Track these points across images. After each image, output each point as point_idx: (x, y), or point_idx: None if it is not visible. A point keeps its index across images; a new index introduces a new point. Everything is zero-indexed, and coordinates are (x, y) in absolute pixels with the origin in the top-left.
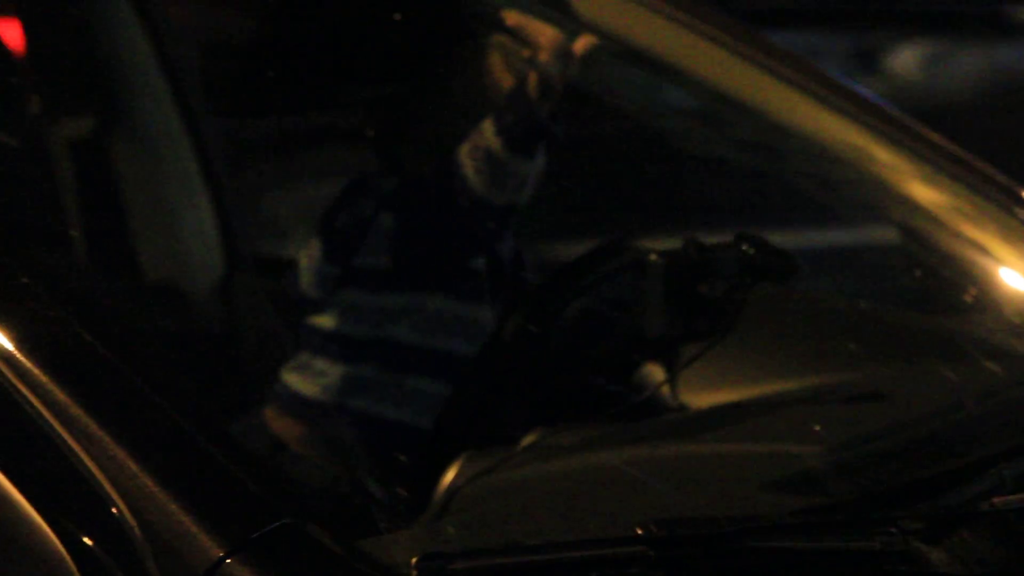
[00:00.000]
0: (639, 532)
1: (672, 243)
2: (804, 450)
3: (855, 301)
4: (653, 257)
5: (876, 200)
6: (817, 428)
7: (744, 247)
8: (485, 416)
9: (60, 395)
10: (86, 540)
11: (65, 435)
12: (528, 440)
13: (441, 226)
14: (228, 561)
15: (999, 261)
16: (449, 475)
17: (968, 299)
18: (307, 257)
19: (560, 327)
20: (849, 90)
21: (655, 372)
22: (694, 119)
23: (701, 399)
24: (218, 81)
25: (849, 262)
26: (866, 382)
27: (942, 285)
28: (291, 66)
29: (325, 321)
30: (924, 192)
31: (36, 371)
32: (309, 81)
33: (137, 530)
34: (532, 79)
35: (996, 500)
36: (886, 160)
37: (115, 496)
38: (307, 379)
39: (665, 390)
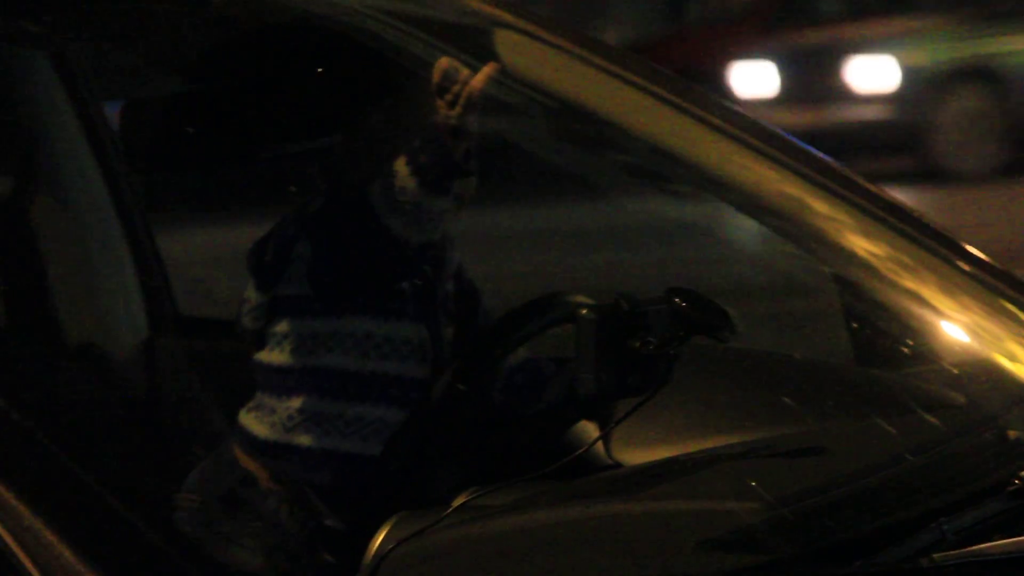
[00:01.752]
0: None
1: (603, 298)
2: (740, 507)
3: (790, 355)
4: (584, 312)
5: (813, 251)
6: (753, 484)
7: (676, 300)
8: (416, 477)
9: None
10: None
11: None
12: (459, 500)
13: (360, 251)
14: None
15: (938, 312)
16: (378, 539)
17: (906, 350)
18: (246, 291)
19: (492, 384)
20: (784, 140)
21: (588, 429)
22: (631, 174)
23: (635, 456)
24: (139, 139)
25: (784, 316)
26: (803, 437)
27: (879, 337)
28: (213, 121)
29: (264, 355)
30: (861, 243)
31: None
32: (231, 136)
33: None
34: (444, 118)
35: (936, 555)
36: (823, 211)
37: (32, 570)
38: (259, 418)
39: (599, 447)
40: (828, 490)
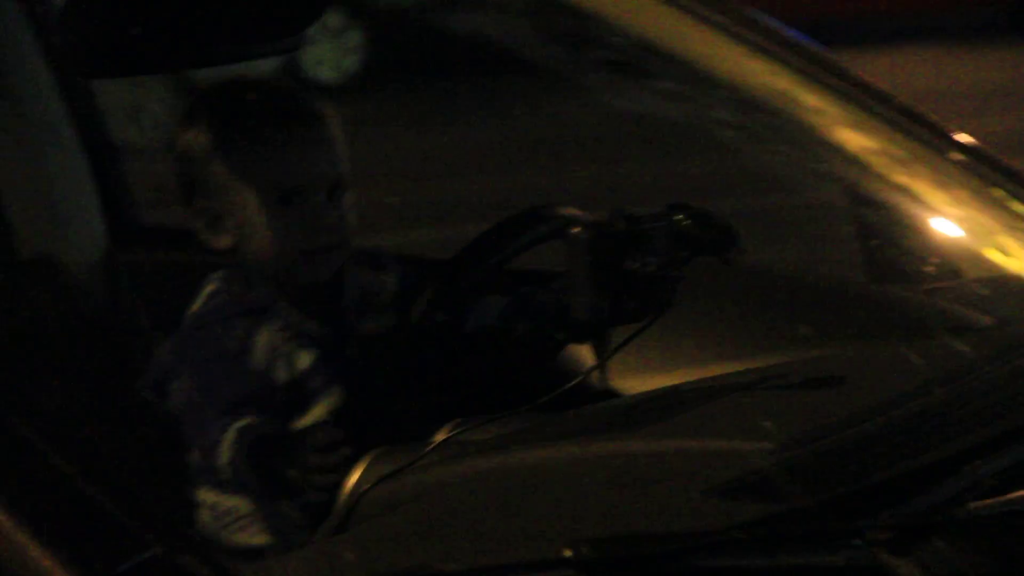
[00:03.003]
0: (567, 554)
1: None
2: (751, 447)
3: (803, 274)
4: (576, 229)
5: (823, 158)
6: (764, 423)
7: (677, 217)
8: (394, 410)
9: None
10: None
11: None
12: (441, 436)
13: None
14: None
15: (965, 228)
16: (354, 477)
17: (928, 268)
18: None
19: (474, 307)
20: (775, 31)
21: (581, 358)
22: (616, 72)
23: (633, 388)
24: (81, 41)
25: (793, 228)
26: (818, 366)
27: (899, 252)
28: (165, 22)
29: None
30: (854, 137)
31: None
32: (186, 37)
33: None
34: None
35: (973, 505)
36: (815, 105)
37: None
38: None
39: (592, 378)
40: (846, 428)
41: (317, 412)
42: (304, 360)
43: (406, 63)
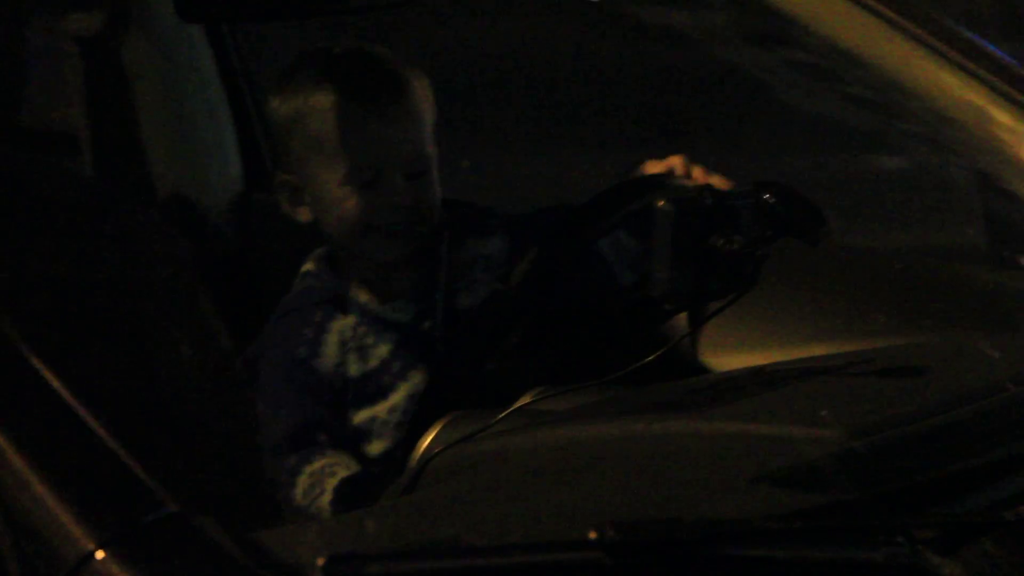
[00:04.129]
0: (592, 535)
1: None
2: (809, 435)
3: (893, 257)
4: (662, 203)
5: (943, 130)
6: (824, 413)
7: (766, 196)
8: (481, 380)
9: None
10: None
11: None
12: (520, 403)
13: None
14: (99, 555)
15: None
16: (426, 439)
17: None
18: None
19: (563, 280)
20: (968, 40)
21: (672, 333)
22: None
23: (718, 365)
24: None
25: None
26: (903, 355)
27: (1010, 235)
28: None
29: None
30: (1005, 122)
31: None
32: None
33: None
34: None
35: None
36: (1005, 123)
37: None
38: None
39: (679, 353)
40: (911, 421)
41: (396, 398)
42: (381, 348)
43: None
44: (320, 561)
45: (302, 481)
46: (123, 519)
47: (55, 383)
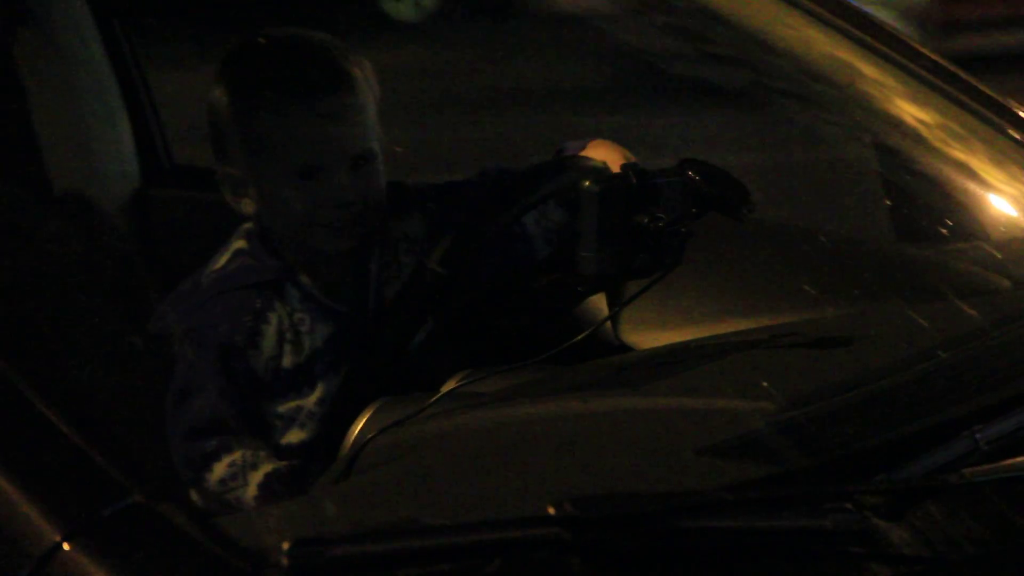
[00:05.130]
0: (551, 511)
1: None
2: (751, 407)
3: (814, 232)
4: (587, 183)
5: (856, 117)
6: (764, 384)
7: (689, 173)
8: (404, 360)
9: None
10: None
11: None
12: (448, 386)
13: None
14: (65, 547)
15: (985, 185)
16: (358, 426)
17: (947, 229)
18: None
19: (485, 260)
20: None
21: (589, 312)
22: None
23: (646, 343)
24: None
25: (818, 185)
26: (826, 326)
27: (919, 212)
28: None
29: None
30: (911, 109)
31: None
32: None
33: None
34: None
35: (968, 471)
36: (873, 76)
37: None
38: None
39: (599, 332)
40: (846, 391)
41: (325, 390)
42: (316, 336)
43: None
44: (285, 545)
45: (219, 468)
46: (87, 510)
47: (9, 377)
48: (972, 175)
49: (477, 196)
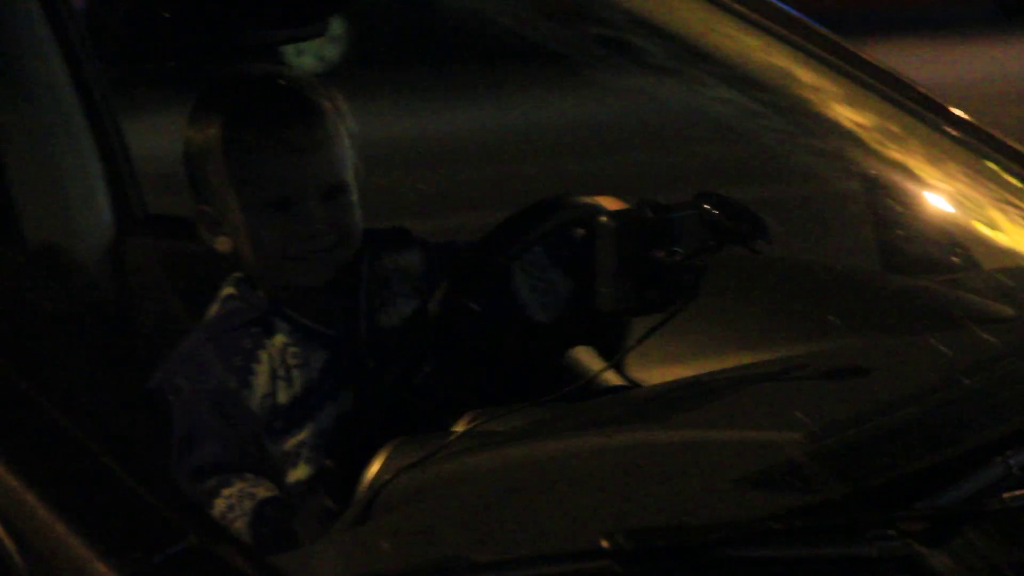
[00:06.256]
0: (604, 544)
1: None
2: (780, 437)
3: (819, 264)
4: (603, 218)
5: (847, 154)
6: (797, 414)
7: (706, 207)
8: (412, 400)
9: None
10: None
11: None
12: (461, 425)
13: None
14: None
15: (988, 221)
16: (374, 467)
17: (946, 258)
18: None
19: (496, 296)
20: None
21: (606, 348)
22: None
23: (650, 375)
24: (109, 25)
25: (808, 217)
26: (841, 357)
27: (915, 242)
28: (192, 5)
29: None
30: (848, 113)
31: None
32: (210, 24)
33: (15, 555)
34: None
35: (1006, 495)
36: (810, 81)
37: None
38: None
39: (617, 368)
40: (876, 418)
41: (324, 421)
42: (311, 367)
43: (400, 49)
44: None
45: (219, 504)
46: (144, 553)
47: (63, 420)
48: (964, 205)
49: (473, 242)
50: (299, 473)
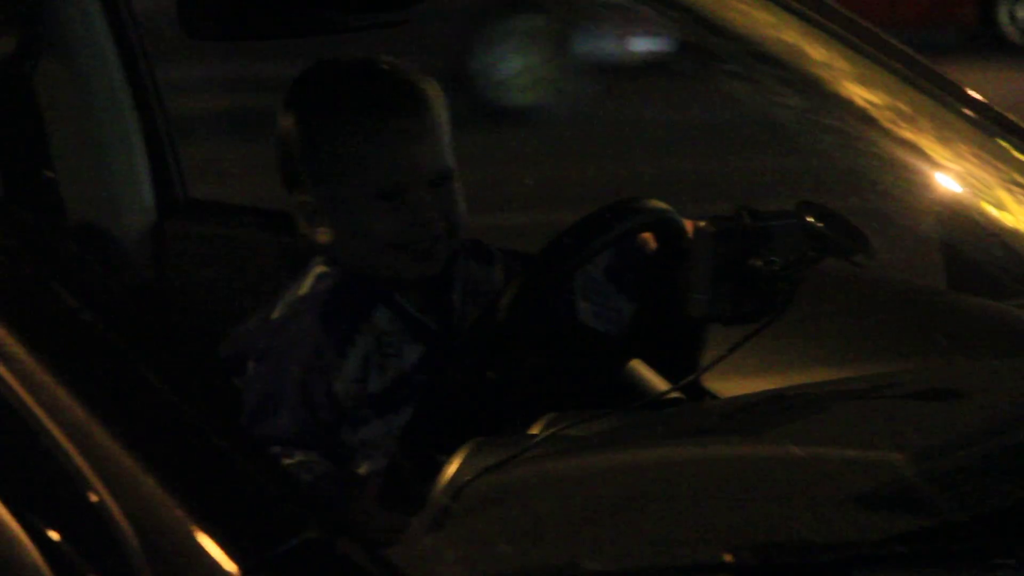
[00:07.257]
0: (728, 559)
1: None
2: (886, 456)
3: (902, 280)
4: (702, 224)
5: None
6: (900, 432)
7: (807, 217)
8: (490, 403)
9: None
10: (68, 550)
11: (46, 422)
12: (538, 428)
13: None
14: None
15: None
16: (452, 467)
17: (1014, 281)
18: None
19: (569, 298)
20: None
21: (697, 356)
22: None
23: (751, 389)
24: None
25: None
26: (928, 377)
27: (975, 263)
28: None
29: None
30: (861, 91)
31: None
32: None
33: (135, 542)
34: None
35: None
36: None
37: (108, 500)
38: None
39: (707, 377)
40: (982, 441)
41: (406, 414)
42: (405, 358)
43: None
44: None
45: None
46: (266, 545)
47: (189, 408)
48: None
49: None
50: (372, 464)
